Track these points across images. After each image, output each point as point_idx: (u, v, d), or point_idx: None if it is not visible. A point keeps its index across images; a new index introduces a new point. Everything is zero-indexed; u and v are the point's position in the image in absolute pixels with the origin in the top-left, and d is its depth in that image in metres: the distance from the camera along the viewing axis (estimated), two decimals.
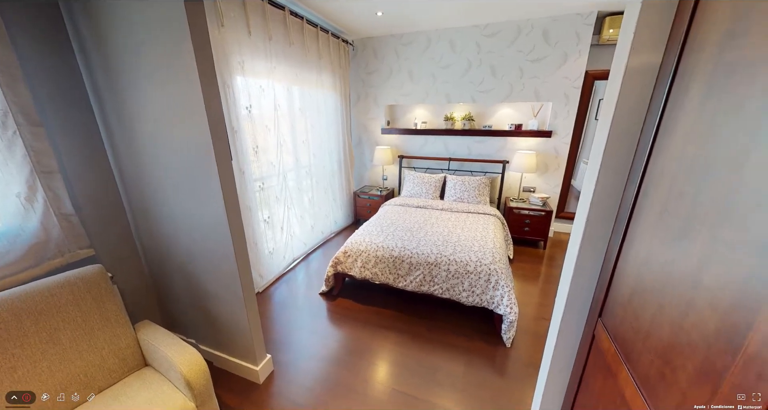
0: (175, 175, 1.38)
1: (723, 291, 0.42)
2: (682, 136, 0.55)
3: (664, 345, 0.53)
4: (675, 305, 0.51)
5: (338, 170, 3.69)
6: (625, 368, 0.64)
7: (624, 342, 0.66)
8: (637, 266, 0.64)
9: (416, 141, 3.85)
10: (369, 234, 2.52)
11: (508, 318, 1.91)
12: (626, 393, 0.62)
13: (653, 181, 0.62)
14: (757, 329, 0.36)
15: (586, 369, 0.84)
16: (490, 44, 3.18)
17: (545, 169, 3.44)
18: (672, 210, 0.55)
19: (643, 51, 0.66)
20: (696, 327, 0.46)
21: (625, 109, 0.71)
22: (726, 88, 0.46)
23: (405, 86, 3.64)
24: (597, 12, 2.80)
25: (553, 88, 3.11)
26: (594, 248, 0.82)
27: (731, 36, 0.46)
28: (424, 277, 2.17)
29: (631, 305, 0.65)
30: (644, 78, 0.67)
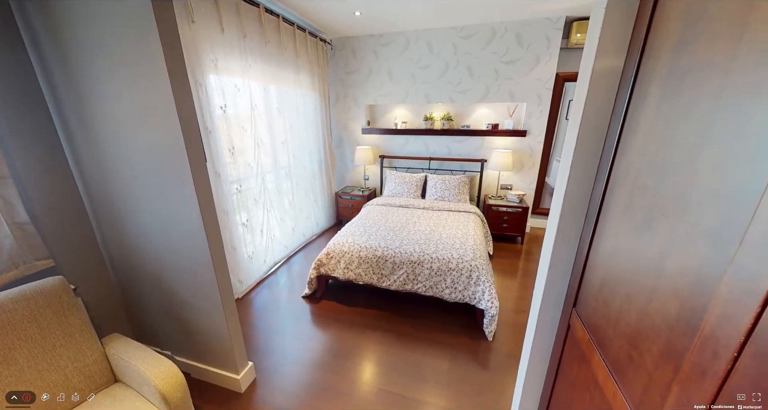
0: (144, 179, 1.31)
1: (682, 277, 0.45)
2: (643, 135, 0.59)
3: (631, 331, 0.56)
4: (640, 292, 0.54)
5: (319, 171, 3.65)
6: (597, 354, 0.68)
7: (596, 329, 0.70)
8: (607, 257, 0.68)
9: (397, 141, 3.88)
10: (352, 234, 2.50)
11: (490, 313, 1.97)
12: (599, 377, 0.66)
13: (619, 177, 0.66)
14: (711, 311, 0.39)
15: (562, 357, 0.89)
16: (466, 46, 3.25)
17: (521, 167, 3.57)
18: (636, 203, 0.59)
19: (608, 55, 0.71)
20: (659, 312, 0.49)
21: (593, 109, 0.75)
22: (679, 91, 0.50)
23: (385, 86, 3.65)
24: (565, 17, 2.94)
25: (526, 89, 3.23)
26: (567, 242, 0.86)
27: (683, 43, 0.50)
28: (408, 276, 2.19)
29: (602, 294, 0.68)
30: (609, 80, 0.71)
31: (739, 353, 0.35)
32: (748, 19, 0.39)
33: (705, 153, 0.43)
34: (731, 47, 0.41)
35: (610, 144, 0.70)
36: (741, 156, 0.38)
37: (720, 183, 0.40)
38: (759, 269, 0.33)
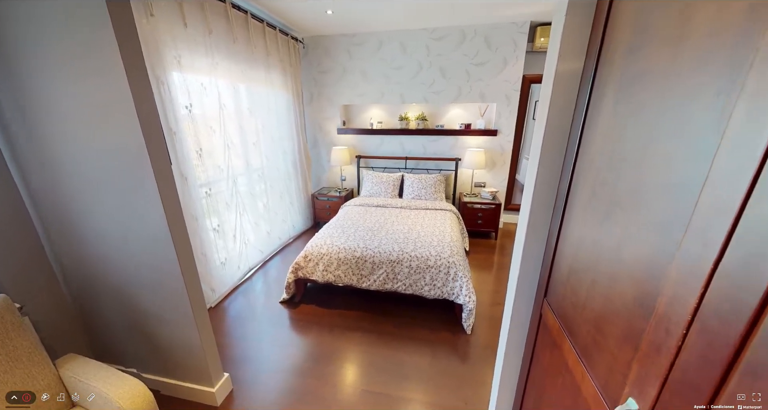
0: (101, 183, 1.21)
1: (637, 264, 0.49)
2: (601, 134, 0.63)
3: (596, 316, 0.60)
4: (603, 279, 0.59)
5: (294, 172, 3.56)
6: (567, 340, 0.72)
7: (565, 317, 0.74)
8: (573, 248, 0.73)
9: (373, 141, 3.88)
10: (330, 236, 2.47)
11: (468, 307, 2.03)
12: (569, 362, 0.70)
13: (582, 173, 0.70)
14: (663, 294, 0.43)
15: (536, 345, 0.93)
16: (438, 47, 3.32)
17: (493, 165, 3.70)
18: (597, 197, 0.63)
19: (568, 59, 0.75)
20: (620, 297, 0.53)
21: (557, 110, 0.80)
22: (630, 93, 0.55)
23: (359, 86, 3.64)
24: (530, 22, 3.09)
25: (496, 90, 3.36)
26: (537, 235, 0.91)
27: (632, 50, 0.55)
28: (387, 275, 2.20)
29: (570, 283, 0.73)
30: (570, 83, 0.76)
31: (687, 330, 0.38)
32: (685, 29, 0.43)
33: (653, 150, 0.47)
34: (672, 54, 0.45)
35: (573, 142, 0.75)
36: (683, 153, 0.42)
37: (667, 177, 0.44)
38: (702, 253, 0.37)
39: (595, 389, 0.59)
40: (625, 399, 0.49)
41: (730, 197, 0.34)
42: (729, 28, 0.37)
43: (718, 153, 0.36)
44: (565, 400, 0.72)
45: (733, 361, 0.33)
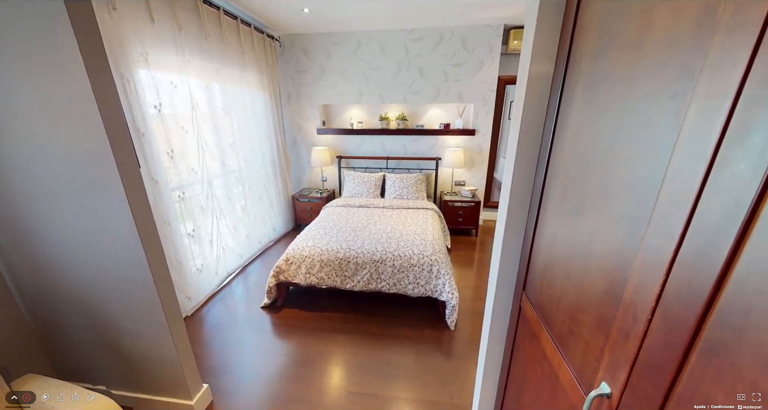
0: (60, 189, 1.12)
1: (607, 256, 0.52)
2: (571, 133, 0.67)
3: (571, 307, 0.63)
4: (576, 272, 0.62)
5: (273, 174, 3.48)
6: (545, 330, 0.75)
7: (543, 308, 0.77)
8: (548, 243, 0.76)
9: (353, 141, 3.86)
10: (312, 238, 2.43)
11: (451, 304, 2.07)
12: (547, 351, 0.73)
13: (555, 171, 0.74)
14: (630, 283, 0.46)
15: (516, 337, 0.97)
16: (417, 48, 3.36)
17: (472, 164, 3.79)
18: (569, 194, 0.66)
19: (540, 61, 0.78)
20: (591, 288, 0.56)
21: (530, 110, 0.83)
22: (597, 94, 0.58)
23: (339, 86, 3.60)
24: (504, 25, 3.19)
25: (473, 90, 3.44)
26: (515, 231, 0.94)
27: (598, 53, 0.58)
28: (371, 275, 2.20)
29: (546, 276, 0.76)
30: (543, 84, 0.79)
31: (652, 315, 0.41)
32: (645, 35, 0.46)
33: (619, 148, 0.50)
34: (633, 59, 0.48)
35: (546, 141, 0.78)
36: (644, 151, 0.45)
37: (631, 174, 0.47)
38: (662, 244, 0.40)
39: (572, 375, 0.62)
40: (598, 384, 0.52)
41: (685, 191, 0.37)
42: (682, 35, 0.40)
43: (675, 151, 0.39)
44: (545, 388, 0.75)
45: (691, 342, 0.36)
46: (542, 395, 0.76)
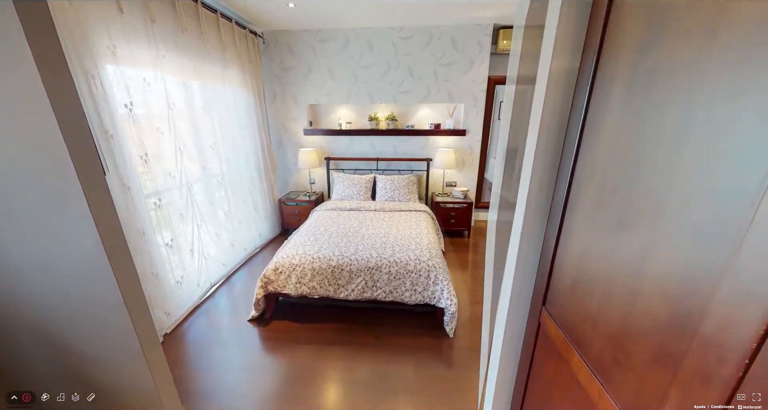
0: (9, 204, 0.96)
1: (668, 278, 0.45)
2: (609, 135, 0.59)
3: (614, 331, 0.56)
4: (621, 293, 0.54)
5: (258, 177, 3.31)
6: (576, 354, 0.68)
7: (572, 328, 0.70)
8: (577, 257, 0.68)
9: (342, 142, 3.74)
10: (302, 244, 2.31)
11: (450, 310, 1.99)
12: (580, 377, 0.66)
13: (584, 177, 0.66)
14: (710, 314, 0.38)
15: (534, 356, 0.89)
16: (406, 47, 3.28)
17: (463, 165, 3.76)
18: (607, 203, 0.59)
19: (563, 57, 0.71)
20: (645, 313, 0.49)
21: (550, 109, 0.76)
22: (646, 92, 0.50)
23: (326, 85, 3.48)
24: (493, 24, 3.17)
25: (463, 90, 3.40)
26: (532, 242, 0.87)
27: (645, 45, 0.51)
28: (366, 283, 2.10)
29: (575, 294, 0.69)
30: (566, 80, 0.71)
31: (751, 361, 0.34)
32: (720, 20, 0.39)
33: (687, 152, 0.43)
34: (704, 49, 0.41)
35: (571, 143, 0.71)
36: (732, 155, 0.37)
37: (707, 183, 0.40)
38: (765, 271, 0.33)
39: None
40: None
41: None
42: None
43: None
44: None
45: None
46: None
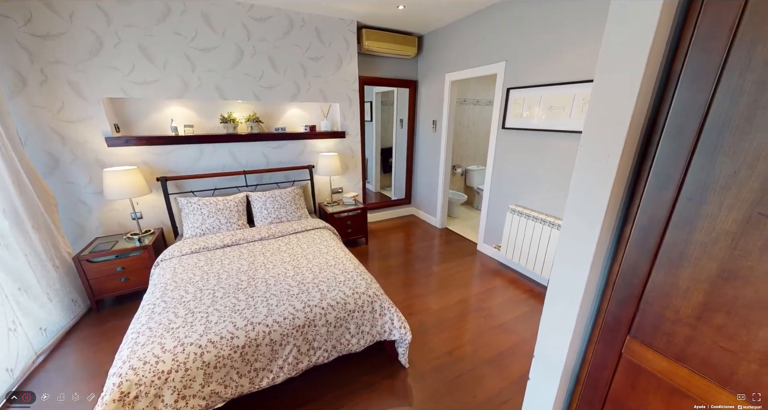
0: None
1: None
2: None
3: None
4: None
5: (17, 228, 1.79)
6: (725, 391, 0.58)
7: (710, 364, 0.59)
8: (707, 280, 0.58)
9: (184, 153, 2.63)
10: (165, 328, 1.38)
11: (405, 340, 1.72)
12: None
13: (717, 185, 0.55)
14: None
15: (611, 392, 0.78)
16: (261, 31, 2.61)
17: (346, 169, 3.51)
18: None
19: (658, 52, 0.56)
20: None
21: (640, 110, 0.61)
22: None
23: (140, 70, 2.29)
24: (357, 22, 3.02)
25: (336, 89, 3.11)
26: (597, 264, 0.73)
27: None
28: (299, 350, 1.50)
29: (710, 323, 0.59)
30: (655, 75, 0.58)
31: None
32: None
33: None
34: None
35: (682, 146, 0.58)
36: None
37: None
38: None
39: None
40: None
41: None
42: None
43: None
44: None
45: None
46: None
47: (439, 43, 3.34)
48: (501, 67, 2.64)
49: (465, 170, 4.74)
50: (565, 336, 0.81)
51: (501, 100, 2.68)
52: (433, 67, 3.49)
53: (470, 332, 2.06)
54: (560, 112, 2.21)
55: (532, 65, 2.37)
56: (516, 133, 2.62)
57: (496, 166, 2.90)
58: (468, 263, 3.01)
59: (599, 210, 0.68)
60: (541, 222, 2.42)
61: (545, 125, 2.34)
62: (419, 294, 2.48)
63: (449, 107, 3.39)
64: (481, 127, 4.68)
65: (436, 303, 2.36)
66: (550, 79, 2.25)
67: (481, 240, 3.25)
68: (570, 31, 2.08)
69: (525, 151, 2.57)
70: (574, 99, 2.11)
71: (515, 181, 2.72)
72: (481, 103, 4.57)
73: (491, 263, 3.01)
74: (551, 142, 2.34)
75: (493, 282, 2.66)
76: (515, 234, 2.66)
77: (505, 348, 1.92)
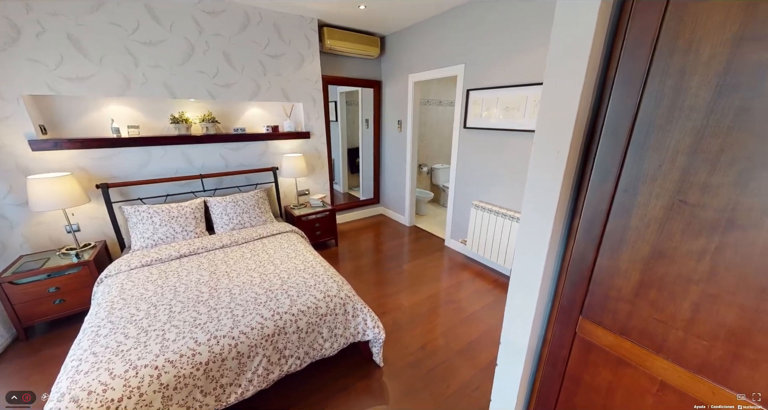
0: None
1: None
2: (690, 129, 0.56)
3: (729, 331, 0.56)
4: (739, 291, 0.53)
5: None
6: (657, 357, 0.66)
7: (647, 334, 0.67)
8: (642, 261, 0.65)
9: (129, 156, 2.39)
10: (113, 351, 1.25)
11: (379, 340, 1.73)
12: (668, 379, 0.65)
13: (648, 177, 0.62)
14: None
15: (569, 367, 0.85)
16: (215, 25, 2.46)
17: (312, 170, 3.43)
18: (696, 204, 0.56)
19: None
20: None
21: (584, 109, 0.67)
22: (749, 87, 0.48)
23: (70, 63, 2.04)
24: (317, 20, 2.96)
25: (298, 88, 3.02)
26: (552, 251, 0.79)
27: (744, 40, 0.48)
28: (270, 360, 1.44)
29: (646, 299, 0.66)
30: (595, 77, 0.64)
31: None
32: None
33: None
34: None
35: (615, 143, 0.65)
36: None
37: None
38: None
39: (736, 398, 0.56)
40: None
41: None
42: None
43: None
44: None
45: None
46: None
47: (402, 44, 3.39)
48: (461, 69, 2.75)
49: (431, 169, 4.87)
50: (527, 321, 0.87)
51: (462, 101, 2.80)
52: (397, 67, 3.54)
53: (441, 325, 2.12)
54: (515, 112, 2.37)
55: (490, 67, 2.51)
56: (477, 133, 2.75)
57: (459, 164, 3.03)
58: (437, 259, 3.10)
59: (552, 204, 0.75)
60: (502, 217, 2.57)
61: (503, 125, 2.48)
62: (391, 292, 2.51)
63: (413, 107, 3.46)
64: (444, 127, 4.84)
65: (407, 299, 2.40)
66: (506, 81, 2.40)
67: (448, 236, 3.37)
68: (524, 36, 2.23)
69: (485, 150, 2.71)
70: (527, 100, 2.27)
71: (478, 178, 2.86)
72: (443, 103, 4.73)
73: (458, 257, 3.13)
74: (508, 140, 2.49)
75: (460, 276, 2.77)
76: (480, 229, 2.80)
77: (474, 338, 2.00)
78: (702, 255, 0.58)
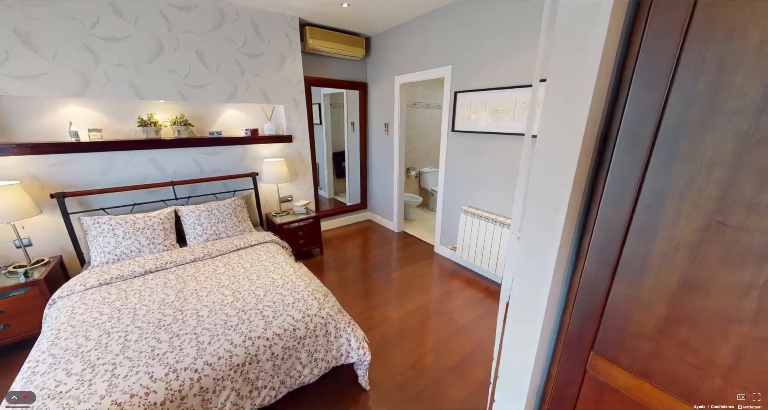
0: None
1: None
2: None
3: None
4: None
5: None
6: (690, 407, 0.55)
7: (675, 378, 0.56)
8: (669, 292, 0.54)
9: (90, 162, 2.18)
10: (49, 393, 1.07)
11: (365, 362, 1.59)
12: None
13: (675, 193, 0.52)
14: None
15: (576, 407, 0.73)
16: (185, 21, 2.29)
17: (295, 175, 3.27)
18: (740, 226, 0.46)
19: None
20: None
21: (594, 114, 0.56)
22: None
23: (17, 59, 1.83)
24: (299, 18, 2.82)
25: (279, 89, 2.87)
26: (558, 278, 0.68)
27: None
28: (239, 394, 1.28)
29: (674, 337, 0.55)
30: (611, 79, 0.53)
31: None
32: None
33: None
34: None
35: (637, 153, 0.54)
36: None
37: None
38: None
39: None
40: None
41: None
42: None
43: None
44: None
45: None
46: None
47: (388, 45, 3.29)
48: (448, 71, 2.66)
49: (419, 172, 4.77)
50: (528, 355, 0.76)
51: (449, 104, 2.71)
52: (383, 69, 3.44)
53: (432, 340, 2.00)
54: (504, 115, 2.29)
55: (479, 69, 2.42)
56: (465, 136, 2.66)
57: (448, 168, 2.93)
58: (426, 266, 2.98)
59: (558, 218, 0.63)
60: (492, 222, 2.48)
61: (491, 128, 2.40)
62: (379, 304, 2.37)
63: (401, 110, 3.35)
64: (432, 130, 4.76)
65: (396, 312, 2.27)
66: (495, 83, 2.32)
67: (437, 242, 3.26)
68: (514, 38, 2.15)
69: (474, 153, 2.62)
70: (516, 103, 2.19)
71: (467, 183, 2.76)
72: (431, 106, 4.65)
73: (448, 264, 3.02)
74: (497, 143, 2.41)
75: (450, 285, 2.65)
76: (469, 235, 2.70)
77: (466, 353, 1.89)
78: (748, 290, 0.48)
